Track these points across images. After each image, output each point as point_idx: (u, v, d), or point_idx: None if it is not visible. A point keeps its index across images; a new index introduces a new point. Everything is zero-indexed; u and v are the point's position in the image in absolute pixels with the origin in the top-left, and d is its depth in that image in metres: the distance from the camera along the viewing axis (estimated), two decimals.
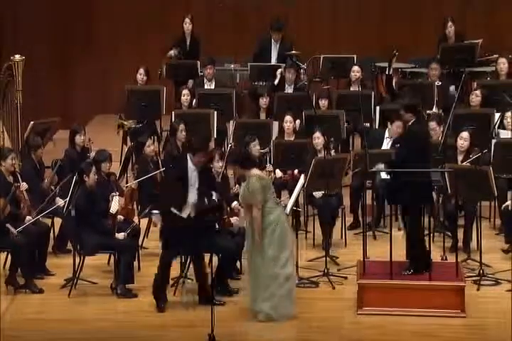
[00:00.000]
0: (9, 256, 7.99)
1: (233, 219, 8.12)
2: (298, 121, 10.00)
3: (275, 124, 9.93)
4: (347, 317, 7.32)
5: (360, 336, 7.04)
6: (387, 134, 9.43)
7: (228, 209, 8.14)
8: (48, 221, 8.56)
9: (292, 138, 9.66)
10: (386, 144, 9.37)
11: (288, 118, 9.64)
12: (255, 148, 8.89)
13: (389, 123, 9.32)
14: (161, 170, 8.52)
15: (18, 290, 7.75)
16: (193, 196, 7.35)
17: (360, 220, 9.12)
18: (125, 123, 10.52)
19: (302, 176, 8.21)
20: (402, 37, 12.42)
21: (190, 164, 7.40)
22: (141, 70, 10.97)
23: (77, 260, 7.79)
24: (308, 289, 7.87)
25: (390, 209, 9.25)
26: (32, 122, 9.87)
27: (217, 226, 7.83)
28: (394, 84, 10.70)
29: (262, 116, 10.47)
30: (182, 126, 9.46)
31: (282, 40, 11.43)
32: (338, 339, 6.97)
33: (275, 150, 9.29)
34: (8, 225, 7.83)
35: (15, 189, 7.97)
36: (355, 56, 11.24)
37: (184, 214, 7.33)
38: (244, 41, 12.07)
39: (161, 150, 10.03)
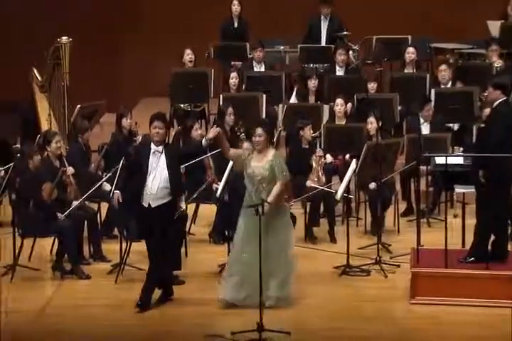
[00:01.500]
0: (56, 241, 8.08)
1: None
2: (349, 105, 9.94)
3: (326, 108, 9.88)
4: (399, 306, 7.27)
5: (413, 326, 6.98)
6: (422, 120, 9.33)
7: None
8: (95, 206, 8.63)
9: (343, 122, 9.61)
10: (425, 129, 9.27)
11: (339, 101, 9.58)
12: (308, 132, 8.85)
13: (418, 108, 9.26)
14: (209, 154, 8.52)
15: (65, 275, 7.83)
16: (156, 184, 6.93)
17: (414, 207, 9.01)
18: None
19: (354, 161, 8.15)
20: (458, 16, 12.21)
21: (154, 149, 6.96)
22: (188, 51, 10.97)
23: (124, 245, 7.82)
24: (359, 277, 7.84)
25: (445, 196, 9.13)
26: (79, 105, 9.94)
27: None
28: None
29: (311, 99, 10.42)
30: (230, 110, 9.44)
31: (331, 17, 11.31)
32: (391, 329, 6.91)
33: (326, 135, 9.24)
34: (55, 210, 7.91)
35: (61, 173, 8.03)
36: (409, 37, 11.09)
37: (144, 203, 7.01)
38: (294, 22, 11.96)
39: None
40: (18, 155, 8.31)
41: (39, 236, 8.02)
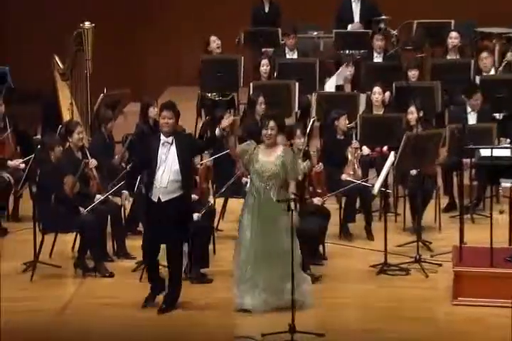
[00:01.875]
0: (78, 237, 8.11)
1: (316, 200, 8.07)
2: (387, 93, 9.88)
3: (362, 97, 9.83)
4: (441, 307, 7.24)
5: (455, 329, 6.93)
6: (469, 109, 9.25)
7: (310, 188, 8.09)
8: (119, 200, 8.65)
9: (381, 112, 9.55)
10: (471, 119, 9.20)
11: (377, 89, 9.53)
12: (343, 122, 8.82)
13: (464, 97, 9.15)
14: (211, 158, 8.50)
15: (88, 273, 7.86)
16: (166, 177, 6.88)
17: (457, 202, 8.96)
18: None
19: (392, 153, 8.10)
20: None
21: (163, 140, 6.91)
22: (214, 37, 10.97)
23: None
24: (397, 277, 7.81)
25: (490, 190, 9.06)
26: (102, 94, 9.98)
27: (297, 207, 7.78)
28: None
29: (347, 87, 10.36)
30: (261, 99, 9.43)
31: None
32: (432, 332, 6.88)
33: (362, 125, 9.19)
34: (76, 204, 7.95)
35: (84, 166, 8.07)
36: (452, 21, 11.00)
37: (154, 198, 6.96)
38: (328, 6, 11.91)
39: (238, 124, 10.03)
40: (39, 146, 8.37)
41: (60, 231, 8.05)
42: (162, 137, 7.01)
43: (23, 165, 9.06)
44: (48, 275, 7.90)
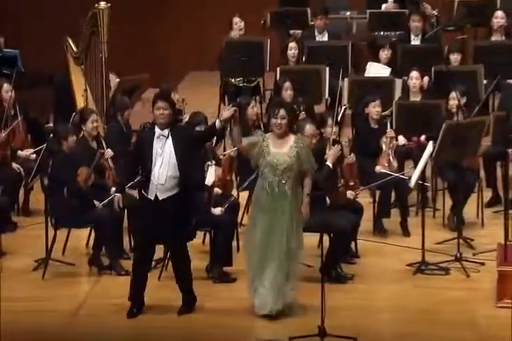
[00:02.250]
0: (93, 232, 8.10)
1: (348, 193, 7.99)
2: (426, 78, 9.83)
3: (398, 82, 9.76)
4: (483, 310, 7.17)
5: (499, 333, 6.85)
6: None
7: (342, 181, 8.01)
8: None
9: (419, 99, 9.50)
10: None
11: (414, 74, 9.46)
12: (374, 109, 8.72)
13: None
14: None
15: (103, 271, 7.84)
16: (163, 173, 6.76)
17: (501, 195, 8.86)
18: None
19: (430, 143, 8.02)
20: None
21: (159, 133, 6.78)
22: (237, 19, 10.95)
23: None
24: (436, 277, 7.75)
25: None
26: (118, 79, 9.94)
27: (327, 201, 7.71)
28: None
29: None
30: (287, 84, 9.37)
31: None
32: (473, 336, 6.81)
33: (398, 113, 9.12)
34: (91, 197, 7.92)
35: (99, 156, 8.05)
36: None
37: (150, 196, 6.85)
38: None
39: (263, 112, 9.97)
40: (51, 135, 8.34)
41: (74, 226, 8.03)
42: (157, 130, 6.87)
43: (34, 156, 9.05)
44: (60, 273, 7.89)
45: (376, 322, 7.03)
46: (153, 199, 6.85)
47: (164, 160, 6.80)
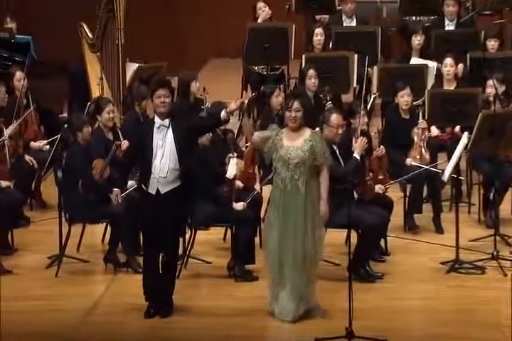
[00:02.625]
0: (109, 228, 8.12)
1: (377, 187, 7.99)
2: (461, 65, 9.78)
3: (431, 69, 9.72)
4: None
5: None
6: None
7: (370, 174, 8.01)
8: None
9: (453, 87, 9.49)
10: None
11: (448, 61, 9.45)
12: (403, 99, 8.74)
13: None
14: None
15: (119, 269, 7.87)
16: (165, 165, 6.75)
17: None
18: None
19: (465, 135, 8.00)
20: None
21: (159, 123, 6.78)
22: (261, 4, 10.94)
23: (188, 234, 7.80)
24: (471, 276, 7.74)
25: None
26: (136, 67, 9.96)
27: (355, 195, 7.71)
28: None
29: (415, 60, 10.23)
30: (311, 72, 9.36)
31: None
32: (510, 338, 6.76)
33: (431, 102, 9.08)
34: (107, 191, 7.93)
35: (115, 148, 8.07)
36: None
37: (151, 190, 6.84)
38: None
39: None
40: (65, 126, 8.38)
41: (89, 221, 8.07)
42: (157, 120, 6.85)
43: (47, 147, 9.10)
44: (75, 270, 7.93)
45: (407, 323, 7.03)
46: (154, 193, 6.86)
47: (165, 152, 6.80)
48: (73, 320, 7.07)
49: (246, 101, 7.02)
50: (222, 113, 6.89)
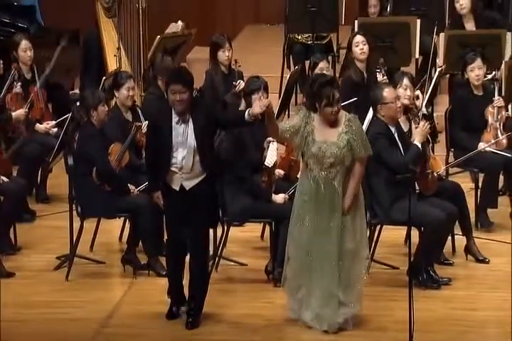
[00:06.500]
0: (128, 224, 8.16)
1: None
2: None
3: (509, 36, 9.70)
4: None
5: None
6: None
7: (430, 163, 7.96)
8: None
9: None
10: None
11: None
12: (473, 73, 8.64)
13: None
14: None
15: (139, 271, 7.89)
16: (188, 160, 6.90)
17: None
18: None
19: None
20: None
21: (178, 118, 6.87)
22: None
23: (219, 231, 7.81)
24: None
25: None
26: (159, 36, 9.97)
27: (417, 188, 7.66)
28: None
29: None
30: (359, 38, 9.22)
31: None
32: None
33: (509, 76, 9.06)
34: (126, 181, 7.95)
35: (135, 130, 8.09)
36: None
37: (175, 187, 6.98)
38: None
39: (337, 76, 9.94)
40: (77, 104, 8.39)
41: (105, 216, 8.09)
42: (174, 115, 6.94)
43: (55, 130, 9.12)
44: (88, 273, 7.96)
45: (479, 337, 7.00)
46: (178, 190, 6.98)
47: (188, 147, 6.93)
48: (86, 331, 7.08)
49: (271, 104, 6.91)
50: (246, 114, 6.93)
